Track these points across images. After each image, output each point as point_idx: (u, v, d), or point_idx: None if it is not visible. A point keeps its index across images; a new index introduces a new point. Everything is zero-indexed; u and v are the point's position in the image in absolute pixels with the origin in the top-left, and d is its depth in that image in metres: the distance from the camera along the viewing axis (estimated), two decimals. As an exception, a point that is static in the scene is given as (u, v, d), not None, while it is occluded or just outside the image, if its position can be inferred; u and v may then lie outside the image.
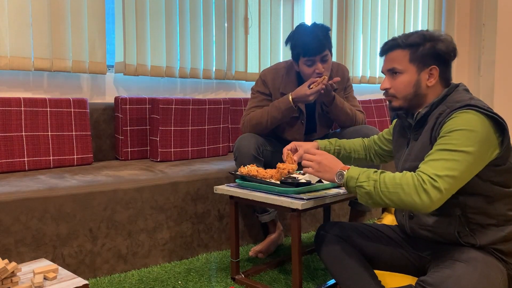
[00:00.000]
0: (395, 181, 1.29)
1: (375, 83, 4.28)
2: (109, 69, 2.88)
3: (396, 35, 1.65)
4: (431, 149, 1.34)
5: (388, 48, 1.50)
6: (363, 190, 1.34)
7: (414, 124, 1.48)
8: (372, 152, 1.87)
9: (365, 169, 1.38)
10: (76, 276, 1.45)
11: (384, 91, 1.52)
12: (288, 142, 2.37)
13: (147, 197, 2.12)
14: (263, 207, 2.27)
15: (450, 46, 1.44)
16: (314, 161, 1.51)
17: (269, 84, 2.32)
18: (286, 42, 2.27)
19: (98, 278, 1.98)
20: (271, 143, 2.33)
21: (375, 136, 1.87)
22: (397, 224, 1.71)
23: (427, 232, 1.46)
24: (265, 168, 1.95)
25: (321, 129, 2.41)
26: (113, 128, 2.75)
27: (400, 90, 1.47)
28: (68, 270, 1.87)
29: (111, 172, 2.27)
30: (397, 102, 1.49)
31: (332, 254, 1.60)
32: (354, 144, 1.89)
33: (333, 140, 1.88)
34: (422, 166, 1.30)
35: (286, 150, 1.83)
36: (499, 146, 1.31)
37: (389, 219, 2.58)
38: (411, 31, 1.61)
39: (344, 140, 1.90)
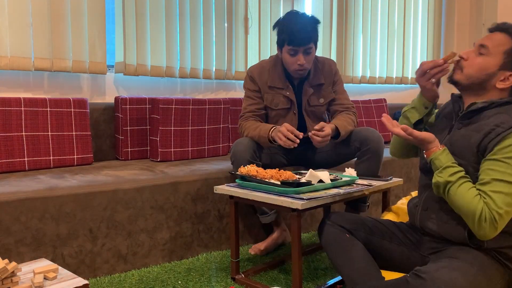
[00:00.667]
0: (464, 199, 1.29)
1: (375, 83, 4.28)
2: (109, 69, 2.88)
3: (396, 35, 1.64)
4: (477, 154, 1.32)
5: (499, 28, 1.39)
6: (437, 178, 1.35)
7: (463, 114, 1.41)
8: None
9: (451, 163, 1.34)
10: (76, 276, 1.45)
11: (460, 59, 1.43)
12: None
13: (147, 197, 2.12)
14: (262, 209, 2.27)
15: None
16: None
17: (256, 79, 2.35)
18: (274, 27, 2.29)
19: (98, 278, 1.98)
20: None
21: None
22: (400, 221, 1.71)
23: (436, 226, 1.44)
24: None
25: (311, 124, 2.39)
26: (113, 128, 2.75)
27: (473, 68, 1.39)
28: (68, 270, 1.87)
29: (111, 172, 2.27)
30: (460, 75, 1.42)
31: (336, 244, 1.57)
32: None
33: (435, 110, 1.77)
34: (487, 198, 1.28)
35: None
36: None
37: (389, 218, 2.58)
38: (411, 32, 1.60)
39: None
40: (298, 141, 2.08)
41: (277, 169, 1.89)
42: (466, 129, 1.39)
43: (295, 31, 2.17)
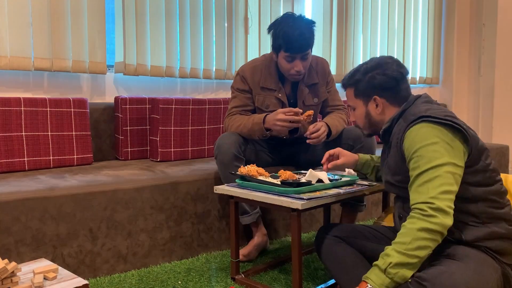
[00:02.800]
0: (405, 238, 1.28)
1: (375, 83, 4.28)
2: (109, 69, 2.88)
3: (395, 35, 1.73)
4: (405, 164, 1.41)
5: (342, 86, 1.67)
6: (396, 271, 1.27)
7: (381, 139, 1.59)
8: None
9: (373, 268, 1.33)
10: (76, 276, 1.45)
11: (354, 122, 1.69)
12: (273, 139, 2.37)
13: (147, 197, 2.12)
14: (244, 208, 2.21)
15: (388, 73, 1.52)
16: None
17: (248, 79, 2.30)
18: (269, 29, 2.23)
19: (98, 278, 1.98)
20: (255, 142, 2.32)
21: None
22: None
23: None
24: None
25: (304, 125, 2.38)
26: (113, 128, 2.75)
27: (359, 122, 1.64)
28: (68, 270, 1.87)
29: (111, 172, 2.27)
30: (364, 130, 1.66)
31: (333, 255, 1.61)
32: None
33: (375, 156, 1.90)
34: (413, 197, 1.33)
35: (327, 154, 1.88)
36: (466, 149, 1.35)
37: (389, 219, 2.58)
38: (411, 32, 1.66)
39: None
40: (301, 118, 2.10)
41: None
42: (391, 150, 1.52)
43: (293, 39, 2.11)
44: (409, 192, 1.36)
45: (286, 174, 1.82)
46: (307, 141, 2.17)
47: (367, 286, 1.28)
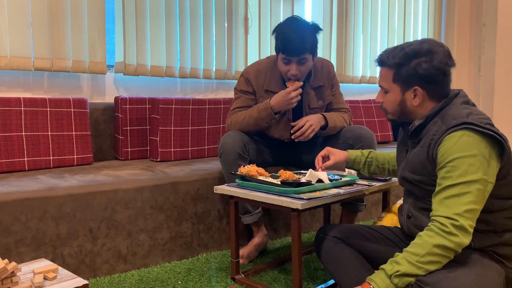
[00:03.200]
0: (419, 250, 1.26)
1: (375, 83, 4.28)
2: (109, 69, 2.88)
3: (395, 35, 1.68)
4: (429, 166, 1.36)
5: (378, 63, 1.51)
6: (402, 280, 1.26)
7: (410, 135, 1.48)
8: None
9: (379, 271, 1.31)
10: (76, 276, 1.45)
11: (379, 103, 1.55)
12: (275, 140, 2.38)
13: (147, 197, 2.12)
14: (246, 208, 2.22)
15: (436, 64, 1.38)
16: None
17: (252, 82, 2.30)
18: (273, 32, 2.24)
19: (98, 278, 1.98)
20: (257, 142, 2.32)
21: None
22: (395, 225, 1.72)
23: None
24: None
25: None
26: (113, 128, 2.75)
27: (388, 106, 1.50)
28: (68, 270, 1.87)
29: (111, 172, 2.27)
30: (389, 115, 1.53)
31: (332, 256, 1.60)
32: (389, 155, 1.83)
33: (365, 151, 1.84)
34: (437, 208, 1.29)
35: (319, 157, 1.85)
36: (500, 162, 1.31)
37: (388, 219, 2.58)
38: (411, 32, 1.63)
39: (378, 152, 1.85)
40: (301, 83, 2.14)
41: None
42: (417, 147, 1.45)
43: (289, 41, 2.11)
44: (432, 200, 1.32)
45: (286, 174, 1.82)
46: (295, 140, 2.17)
47: (370, 287, 1.27)
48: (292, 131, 2.17)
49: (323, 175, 1.80)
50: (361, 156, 1.82)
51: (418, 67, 1.39)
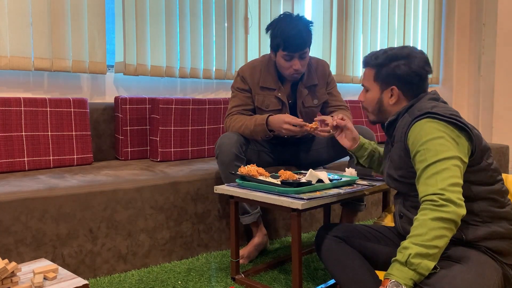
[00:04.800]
0: (420, 230, 1.26)
1: (375, 83, 4.28)
2: (109, 69, 2.88)
3: (395, 35, 1.71)
4: (409, 158, 1.41)
5: (363, 64, 1.63)
6: (418, 261, 1.25)
7: (385, 132, 1.59)
8: None
9: (393, 264, 1.30)
10: (76, 276, 1.45)
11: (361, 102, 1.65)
12: (273, 139, 2.36)
13: (147, 197, 2.12)
14: (245, 208, 2.22)
15: (413, 67, 1.49)
16: None
17: (248, 79, 2.31)
18: (267, 29, 2.24)
19: (98, 278, 1.98)
20: (256, 142, 2.31)
21: None
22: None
23: None
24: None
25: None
26: (113, 128, 2.75)
27: (368, 104, 1.61)
28: (68, 270, 1.87)
29: (111, 172, 2.27)
30: (369, 115, 1.63)
31: (332, 255, 1.60)
32: None
33: (373, 142, 1.88)
34: (421, 190, 1.32)
35: (320, 117, 1.89)
36: (470, 147, 1.36)
37: (389, 219, 2.58)
38: (411, 32, 1.65)
39: (378, 147, 1.88)
40: (306, 127, 2.07)
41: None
42: (395, 144, 1.52)
43: (291, 37, 2.13)
44: (416, 187, 1.36)
45: (286, 174, 1.82)
46: (318, 131, 2.06)
47: (390, 281, 1.24)
48: (336, 118, 2.05)
49: (323, 175, 1.80)
50: (369, 145, 1.86)
51: (396, 69, 1.51)
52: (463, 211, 1.26)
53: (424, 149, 1.34)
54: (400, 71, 1.50)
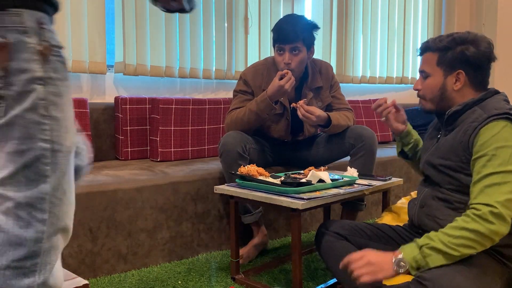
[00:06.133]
0: (454, 232, 1.25)
1: (375, 83, 4.28)
2: (109, 69, 2.88)
3: (395, 35, 1.68)
4: (461, 151, 1.36)
5: (422, 50, 1.53)
6: (431, 253, 1.25)
7: (445, 120, 1.49)
8: None
9: (412, 242, 1.32)
10: (76, 276, 1.44)
11: (417, 91, 1.55)
12: (275, 140, 2.38)
13: (147, 197, 2.12)
14: (246, 207, 2.22)
15: (482, 50, 1.43)
16: (363, 264, 1.32)
17: (250, 82, 2.31)
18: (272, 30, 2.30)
19: (98, 278, 1.98)
20: (257, 142, 2.32)
21: None
22: (397, 224, 1.71)
23: (432, 223, 1.45)
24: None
25: (308, 128, 2.39)
26: (113, 128, 2.75)
27: (428, 92, 1.51)
28: (68, 270, 1.87)
29: (111, 172, 2.27)
30: (426, 104, 1.53)
31: (333, 252, 1.59)
32: None
33: (414, 132, 1.81)
34: (477, 196, 1.28)
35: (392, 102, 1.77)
36: None
37: (389, 218, 2.58)
38: (411, 32, 1.63)
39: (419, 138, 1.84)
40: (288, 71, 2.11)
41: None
42: (451, 134, 1.46)
43: (282, 29, 2.17)
44: (470, 188, 1.32)
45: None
46: (298, 109, 2.14)
47: (397, 257, 1.27)
48: (300, 103, 2.13)
49: (324, 175, 1.80)
50: (414, 133, 1.80)
51: (465, 51, 1.42)
52: (506, 230, 1.24)
53: (493, 155, 1.29)
54: (469, 53, 1.41)
